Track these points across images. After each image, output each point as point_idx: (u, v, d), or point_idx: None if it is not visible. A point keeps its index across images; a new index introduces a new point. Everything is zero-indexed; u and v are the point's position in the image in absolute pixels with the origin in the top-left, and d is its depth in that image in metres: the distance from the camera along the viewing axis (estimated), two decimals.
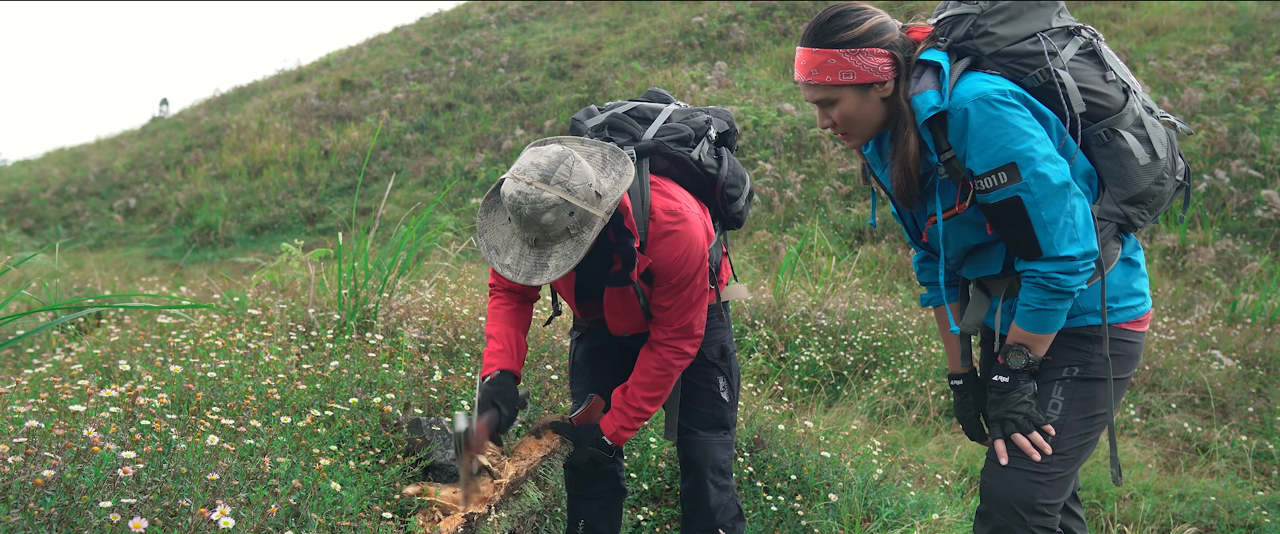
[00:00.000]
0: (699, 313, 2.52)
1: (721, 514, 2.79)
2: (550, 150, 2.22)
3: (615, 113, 2.63)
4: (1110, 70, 2.11)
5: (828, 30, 2.07)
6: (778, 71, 15.37)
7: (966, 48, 2.09)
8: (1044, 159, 1.98)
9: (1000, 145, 1.98)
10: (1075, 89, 2.04)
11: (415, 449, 2.80)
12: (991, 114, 1.99)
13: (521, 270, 2.24)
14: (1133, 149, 2.07)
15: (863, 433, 4.69)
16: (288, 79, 22.78)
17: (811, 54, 2.09)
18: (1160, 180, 2.12)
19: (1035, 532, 2.15)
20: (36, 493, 1.74)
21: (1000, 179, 2.00)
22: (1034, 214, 1.99)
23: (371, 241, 4.43)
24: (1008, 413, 2.16)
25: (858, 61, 2.06)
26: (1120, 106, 2.08)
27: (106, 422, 2.18)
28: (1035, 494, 2.13)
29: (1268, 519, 4.11)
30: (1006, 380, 2.16)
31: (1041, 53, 2.04)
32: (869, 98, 2.10)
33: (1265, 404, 5.66)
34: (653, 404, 2.58)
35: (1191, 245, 9.03)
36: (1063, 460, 2.16)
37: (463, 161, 15.13)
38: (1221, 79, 11.53)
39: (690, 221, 2.43)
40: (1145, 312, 2.23)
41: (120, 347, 3.64)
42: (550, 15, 21.57)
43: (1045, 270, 2.02)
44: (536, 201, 2.15)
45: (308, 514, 2.09)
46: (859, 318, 6.15)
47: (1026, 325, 2.11)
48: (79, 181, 18.50)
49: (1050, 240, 1.99)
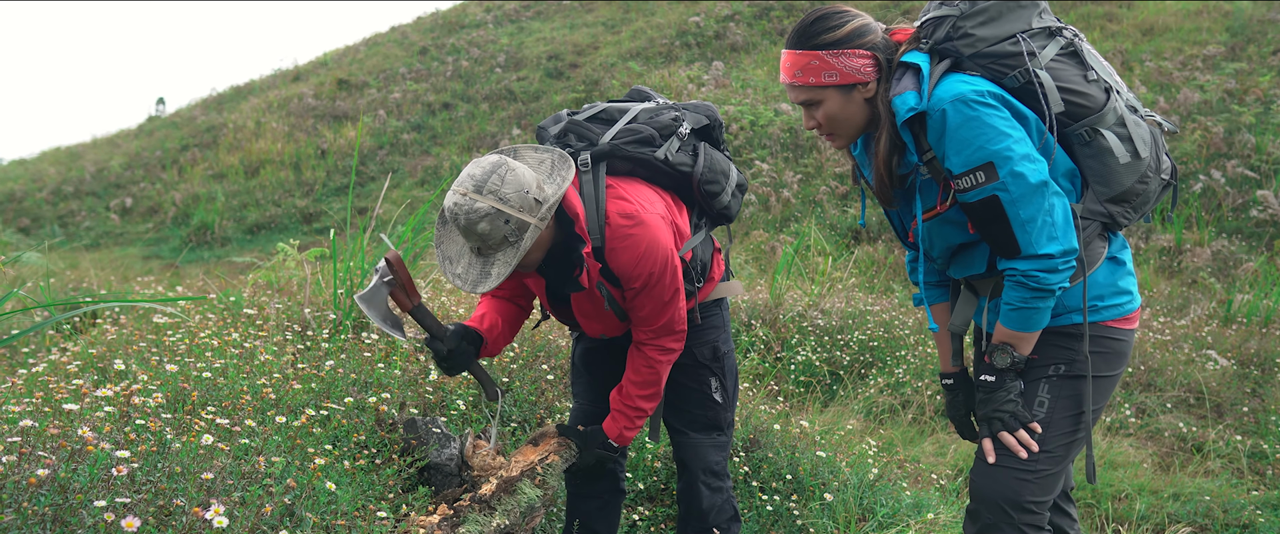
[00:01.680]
0: (675, 310, 2.52)
1: (715, 516, 2.79)
2: (487, 161, 2.28)
3: (575, 118, 2.63)
4: (1092, 70, 2.13)
5: (811, 32, 2.11)
6: (774, 71, 15.37)
7: (947, 50, 2.12)
8: (1021, 158, 2.00)
9: (977, 145, 2.01)
10: (1054, 88, 2.07)
11: (410, 449, 2.80)
12: (969, 114, 2.02)
13: (469, 279, 2.31)
14: (1113, 148, 2.10)
15: (858, 433, 4.69)
16: (284, 78, 22.75)
17: (795, 56, 2.13)
18: (1144, 179, 2.14)
19: (1024, 529, 2.16)
20: (31, 492, 1.74)
21: (978, 178, 2.03)
22: (1012, 213, 2.01)
23: (368, 241, 4.42)
24: (994, 411, 2.18)
25: (841, 62, 2.10)
26: (1101, 106, 2.10)
27: (101, 421, 2.17)
28: (1023, 492, 2.14)
29: (1262, 519, 4.12)
30: (993, 380, 2.18)
31: (1021, 53, 2.07)
32: (852, 98, 2.14)
33: (1260, 404, 5.68)
34: (649, 401, 2.60)
35: (1187, 246, 9.04)
36: (1050, 458, 2.17)
37: (459, 161, 15.13)
38: (1217, 79, 11.55)
39: (647, 224, 2.42)
40: (1133, 309, 2.24)
41: (116, 346, 3.64)
42: (547, 15, 21.57)
43: (1025, 268, 2.04)
44: (470, 211, 2.21)
45: (302, 514, 2.09)
46: (855, 318, 6.16)
47: (1010, 324, 2.13)
48: (75, 181, 18.47)
49: (1028, 239, 2.02)
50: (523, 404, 3.51)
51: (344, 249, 4.28)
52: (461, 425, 3.28)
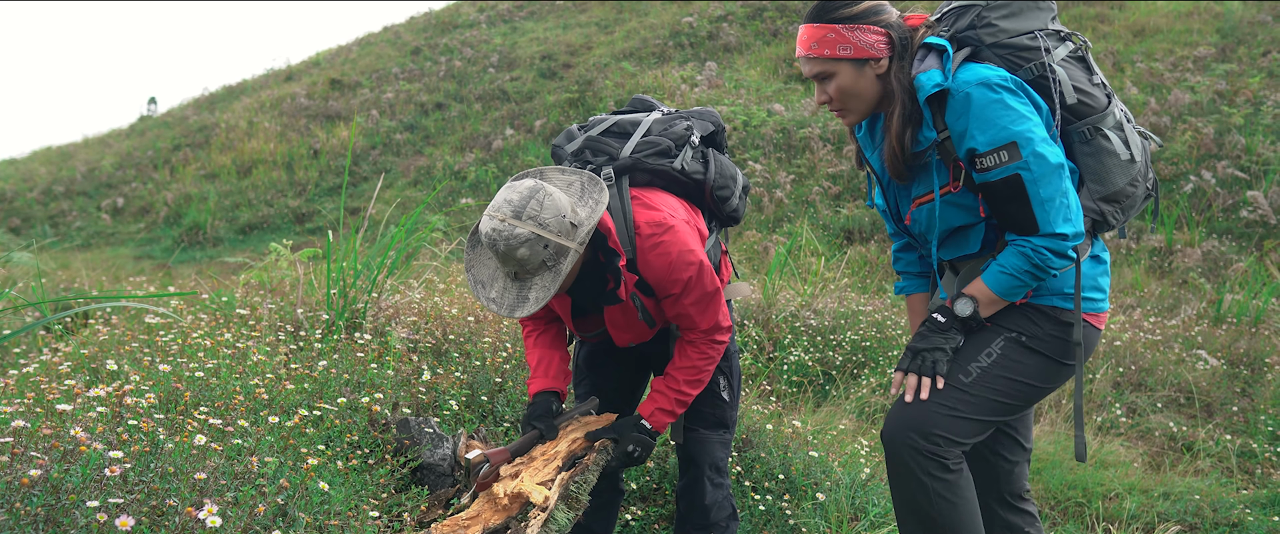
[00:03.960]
0: (718, 308, 2.57)
1: (716, 512, 2.81)
2: (523, 186, 2.29)
3: (592, 135, 2.68)
4: (1096, 74, 2.26)
5: (829, 7, 2.21)
6: (768, 72, 15.41)
7: (968, 38, 2.24)
8: (1042, 140, 2.10)
9: (1002, 125, 2.10)
10: (1068, 82, 2.18)
11: (403, 449, 2.80)
12: (993, 97, 2.12)
13: (505, 303, 2.33)
14: (1114, 147, 2.21)
15: (851, 432, 4.71)
16: (277, 78, 22.69)
17: (813, 29, 2.22)
18: (1134, 182, 2.26)
19: (927, 461, 2.18)
20: (23, 493, 1.74)
21: (1001, 157, 2.11)
22: (1032, 191, 2.10)
23: (360, 241, 4.42)
24: (924, 347, 2.24)
25: (855, 36, 2.19)
26: (1104, 107, 2.22)
27: (94, 421, 2.17)
28: (932, 420, 2.19)
29: (1251, 518, 4.14)
30: (943, 321, 2.25)
31: (1038, 47, 2.20)
32: (864, 73, 2.23)
33: (1249, 404, 5.71)
34: (693, 388, 2.62)
35: (1177, 246, 9.09)
36: (968, 401, 2.21)
37: (453, 161, 15.11)
38: (1208, 81, 11.61)
39: (676, 229, 2.46)
40: (1104, 309, 2.34)
41: (108, 346, 3.63)
42: (540, 15, 21.56)
43: (1038, 244, 2.12)
44: (510, 238, 2.23)
45: (295, 514, 2.10)
46: (847, 318, 6.18)
47: (991, 283, 2.20)
48: (66, 181, 18.40)
49: (1047, 217, 2.10)
50: (516, 404, 3.51)
51: (337, 249, 4.27)
52: (454, 426, 3.28)
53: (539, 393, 2.67)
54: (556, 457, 2.53)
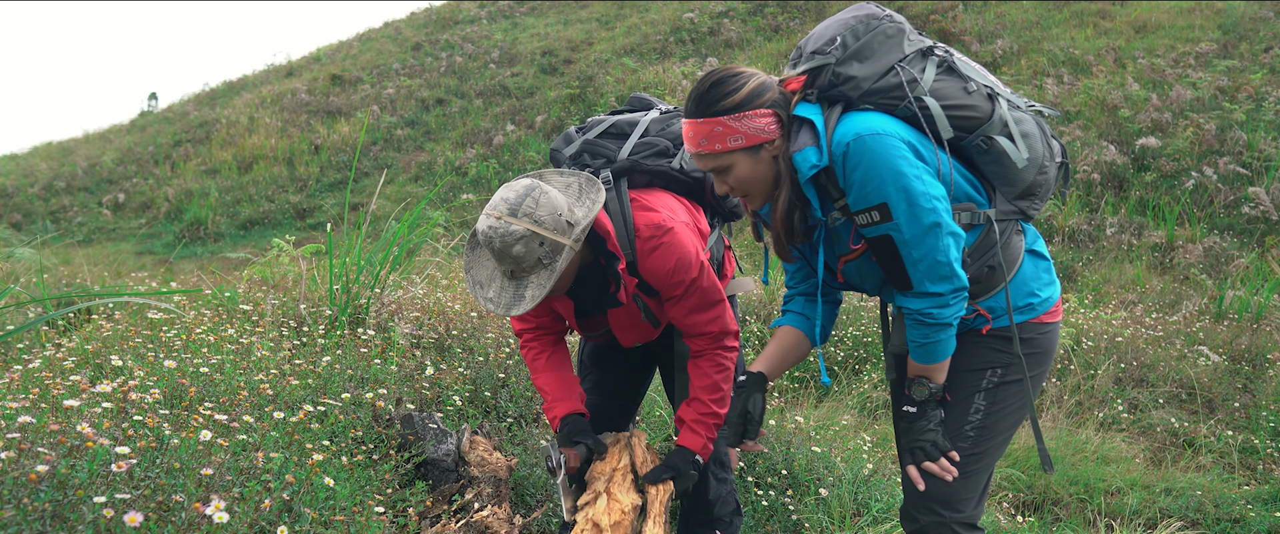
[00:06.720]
0: (723, 311, 2.55)
1: (720, 507, 2.82)
2: (519, 185, 2.31)
3: (589, 137, 2.67)
4: (970, 80, 2.13)
5: (710, 99, 2.07)
6: (769, 68, 15.38)
7: (835, 95, 2.09)
8: (919, 195, 1.99)
9: (874, 185, 2.00)
10: (942, 114, 2.07)
11: (407, 444, 2.81)
12: (866, 154, 2.00)
13: (502, 302, 2.33)
14: (1010, 152, 2.12)
15: (853, 428, 4.71)
16: (278, 74, 22.68)
17: (698, 124, 2.09)
18: (1042, 170, 2.18)
19: (961, 529, 2.21)
20: (30, 488, 1.75)
21: (873, 217, 2.03)
22: (904, 252, 2.04)
23: (363, 237, 4.43)
24: (915, 441, 2.21)
25: (743, 125, 2.06)
26: (989, 114, 2.11)
27: (99, 417, 2.18)
28: (953, 490, 2.21)
29: (1253, 513, 4.15)
30: (914, 410, 2.22)
31: (902, 84, 2.06)
32: (761, 158, 2.11)
33: (1251, 399, 5.71)
34: (721, 405, 2.59)
35: (1179, 242, 9.09)
36: (979, 458, 2.23)
37: (454, 157, 15.11)
38: (1209, 77, 11.60)
39: (675, 230, 2.45)
40: (1055, 301, 2.28)
41: (111, 342, 3.64)
42: (541, 11, 21.54)
43: (917, 307, 2.08)
44: (506, 235, 2.24)
45: (300, 509, 2.10)
46: (849, 313, 6.18)
47: (918, 359, 2.16)
48: (67, 176, 18.40)
49: (919, 277, 2.05)
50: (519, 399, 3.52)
51: (340, 245, 4.27)
52: (458, 421, 3.29)
53: (568, 415, 2.64)
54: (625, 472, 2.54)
